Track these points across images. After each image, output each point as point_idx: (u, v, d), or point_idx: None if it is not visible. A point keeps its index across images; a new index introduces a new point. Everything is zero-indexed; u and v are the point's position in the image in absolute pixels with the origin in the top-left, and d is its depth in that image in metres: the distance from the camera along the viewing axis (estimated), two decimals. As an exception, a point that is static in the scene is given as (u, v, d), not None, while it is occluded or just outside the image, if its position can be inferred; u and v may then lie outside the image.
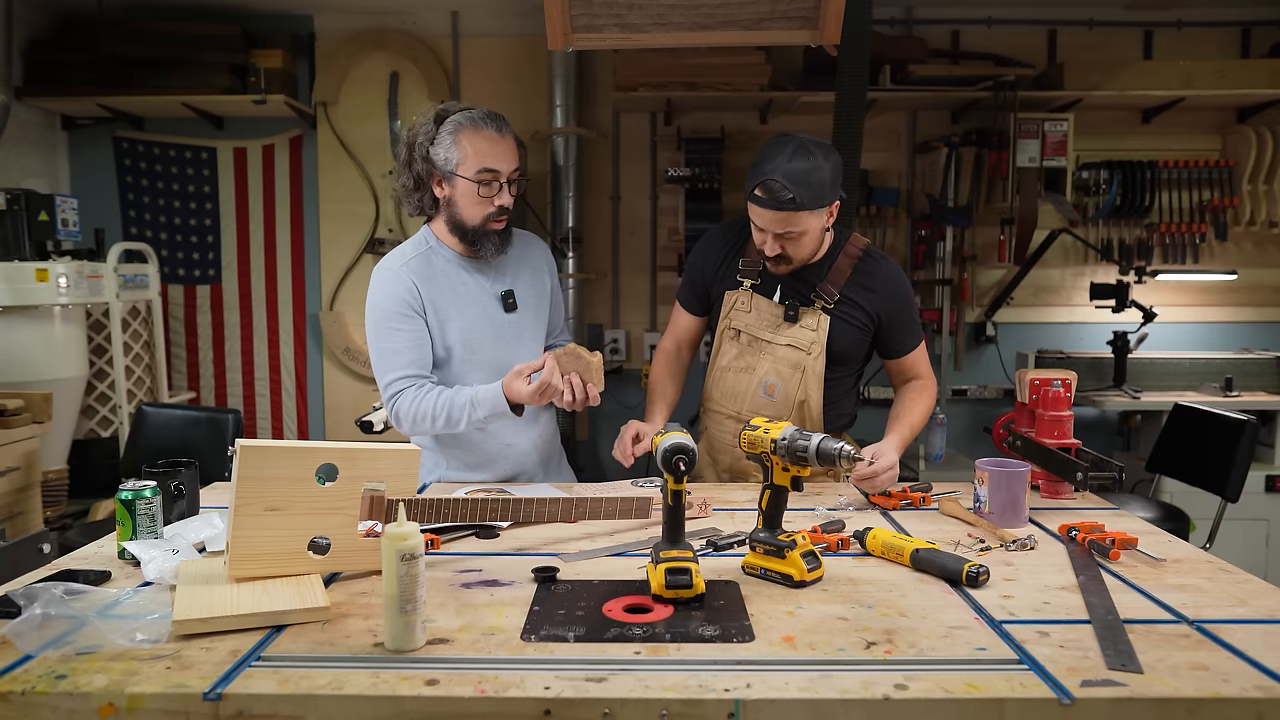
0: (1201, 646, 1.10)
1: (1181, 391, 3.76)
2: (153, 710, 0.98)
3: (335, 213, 4.14)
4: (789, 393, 2.01)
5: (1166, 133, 4.05)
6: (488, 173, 1.88)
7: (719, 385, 2.10)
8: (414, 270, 1.95)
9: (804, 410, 2.02)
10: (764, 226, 1.88)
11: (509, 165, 1.91)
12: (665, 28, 2.34)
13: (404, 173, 1.97)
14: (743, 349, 2.05)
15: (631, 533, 1.62)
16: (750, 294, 2.03)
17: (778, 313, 2.01)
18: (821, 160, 1.83)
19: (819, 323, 1.98)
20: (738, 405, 2.06)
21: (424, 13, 4.01)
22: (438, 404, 1.90)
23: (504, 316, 2.02)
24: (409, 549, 1.09)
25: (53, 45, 3.84)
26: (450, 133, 1.89)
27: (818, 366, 1.99)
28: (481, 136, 1.88)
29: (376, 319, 1.94)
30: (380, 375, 1.95)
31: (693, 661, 1.06)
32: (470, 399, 1.89)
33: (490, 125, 1.89)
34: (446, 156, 1.90)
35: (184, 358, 4.21)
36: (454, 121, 1.89)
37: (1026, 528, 1.63)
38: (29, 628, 1.10)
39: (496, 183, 1.90)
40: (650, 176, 4.14)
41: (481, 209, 1.92)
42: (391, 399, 1.93)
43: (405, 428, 1.95)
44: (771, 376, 2.02)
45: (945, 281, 4.01)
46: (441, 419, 1.90)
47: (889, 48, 3.73)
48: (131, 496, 1.45)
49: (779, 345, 2.01)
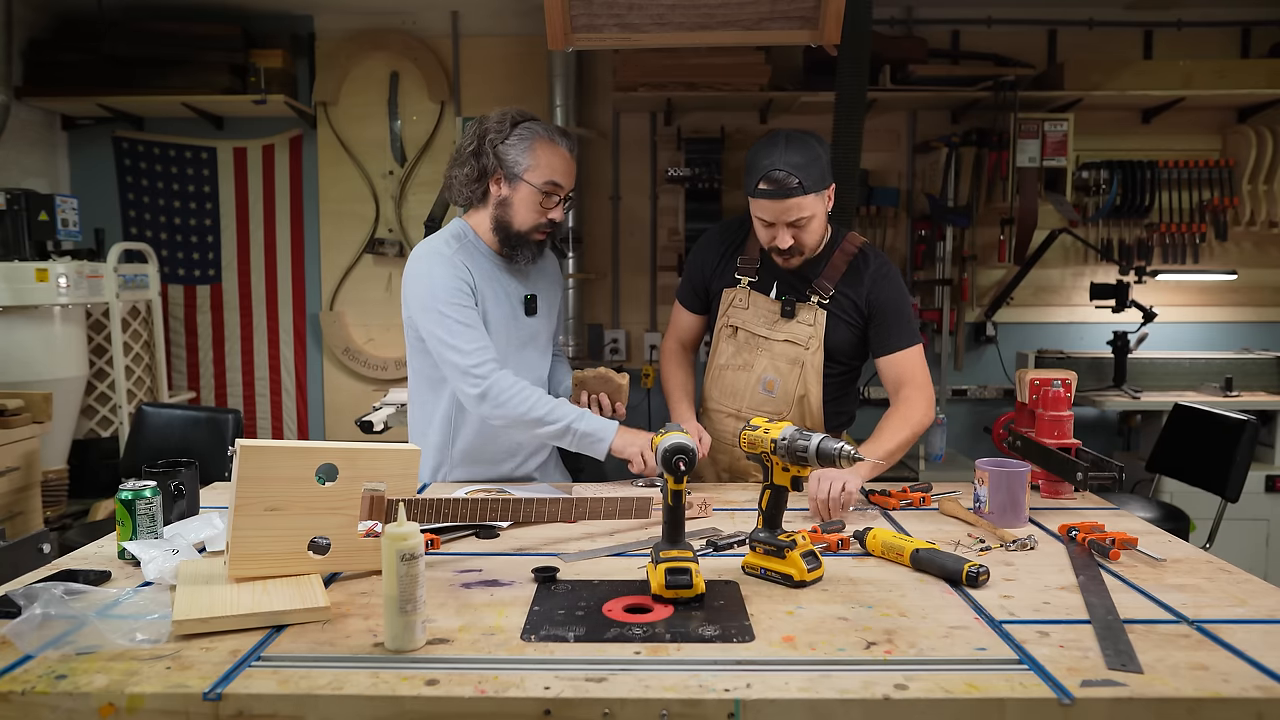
0: (1201, 646, 1.10)
1: (1181, 391, 3.76)
2: (153, 710, 0.98)
3: (335, 213, 4.14)
4: (788, 388, 2.02)
5: (1166, 133, 4.05)
6: (553, 185, 1.92)
7: (717, 383, 2.11)
8: (466, 259, 1.95)
9: (804, 405, 2.02)
10: (773, 219, 1.89)
11: (570, 184, 1.96)
12: (665, 28, 2.34)
13: (469, 162, 1.95)
14: (740, 346, 2.07)
15: (631, 533, 1.62)
16: (748, 291, 2.06)
17: (775, 309, 2.03)
18: (815, 145, 1.90)
19: (816, 318, 2.00)
20: (737, 403, 2.07)
21: (424, 13, 4.01)
22: (541, 397, 1.89)
23: (525, 320, 2.04)
24: (409, 549, 1.09)
25: (53, 45, 3.84)
26: (525, 138, 1.91)
27: (816, 361, 2.00)
28: (556, 151, 1.92)
29: (444, 297, 1.89)
30: (459, 346, 1.88)
31: (693, 661, 1.06)
32: (580, 412, 1.90)
33: (564, 142, 1.94)
34: (517, 159, 1.92)
35: (184, 358, 4.21)
36: (530, 128, 1.93)
37: (1026, 528, 1.63)
38: (29, 628, 1.10)
39: (556, 196, 1.94)
40: (650, 176, 4.14)
41: (535, 218, 1.94)
42: (485, 375, 1.87)
43: (488, 404, 1.88)
44: (770, 373, 2.03)
45: (945, 281, 4.01)
46: (541, 410, 1.88)
47: (889, 48, 3.73)
48: (131, 496, 1.45)
49: (776, 341, 2.03)
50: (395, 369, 4.15)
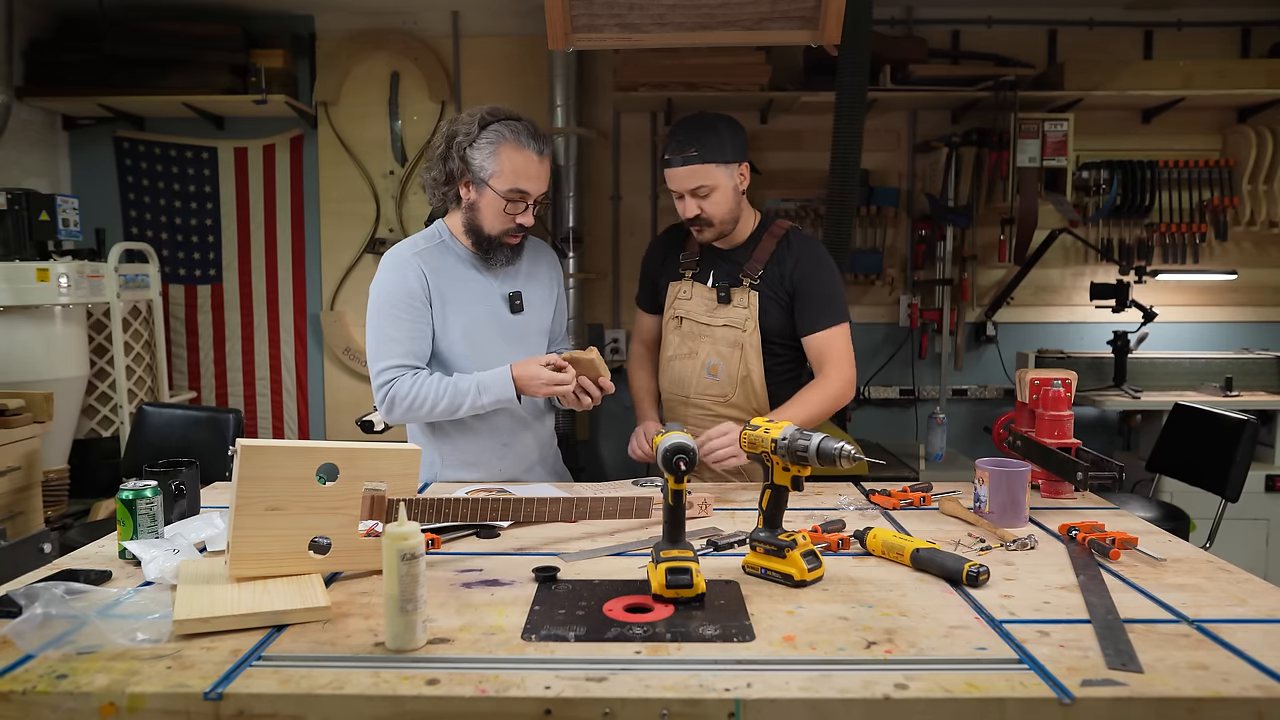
0: (1201, 646, 1.10)
1: (1181, 391, 3.76)
2: (153, 710, 0.98)
3: (336, 212, 4.14)
4: (731, 370, 2.11)
5: (1166, 133, 4.05)
6: (517, 193, 1.90)
7: (667, 374, 2.21)
8: (425, 260, 1.96)
9: (748, 385, 2.11)
10: (678, 188, 2.02)
11: (539, 188, 1.92)
12: (665, 28, 2.34)
13: (437, 165, 1.95)
14: (685, 335, 2.17)
15: (632, 532, 1.62)
16: (690, 283, 2.17)
17: (712, 296, 2.13)
18: (720, 124, 2.00)
19: (749, 300, 2.09)
20: (685, 390, 2.16)
21: (424, 13, 4.01)
22: (439, 388, 1.90)
23: (510, 317, 2.04)
24: (410, 548, 1.09)
25: (53, 45, 3.84)
26: (491, 142, 1.88)
27: (755, 341, 2.09)
28: (521, 155, 1.88)
29: (380, 304, 1.93)
30: (375, 360, 1.94)
31: (693, 661, 1.06)
32: (476, 383, 1.89)
33: (532, 145, 1.89)
34: (482, 164, 1.89)
35: (185, 357, 4.21)
36: (497, 131, 1.89)
37: (1027, 527, 1.63)
38: (30, 627, 1.10)
39: (523, 203, 1.91)
40: (650, 176, 4.14)
41: (502, 223, 1.93)
42: (386, 385, 1.92)
43: (398, 413, 1.93)
44: (713, 357, 2.12)
45: (945, 281, 4.01)
46: (444, 403, 1.89)
47: (889, 48, 3.73)
48: (132, 496, 1.45)
49: (717, 327, 2.12)
50: (395, 369, 4.15)
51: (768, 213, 2.19)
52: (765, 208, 3.91)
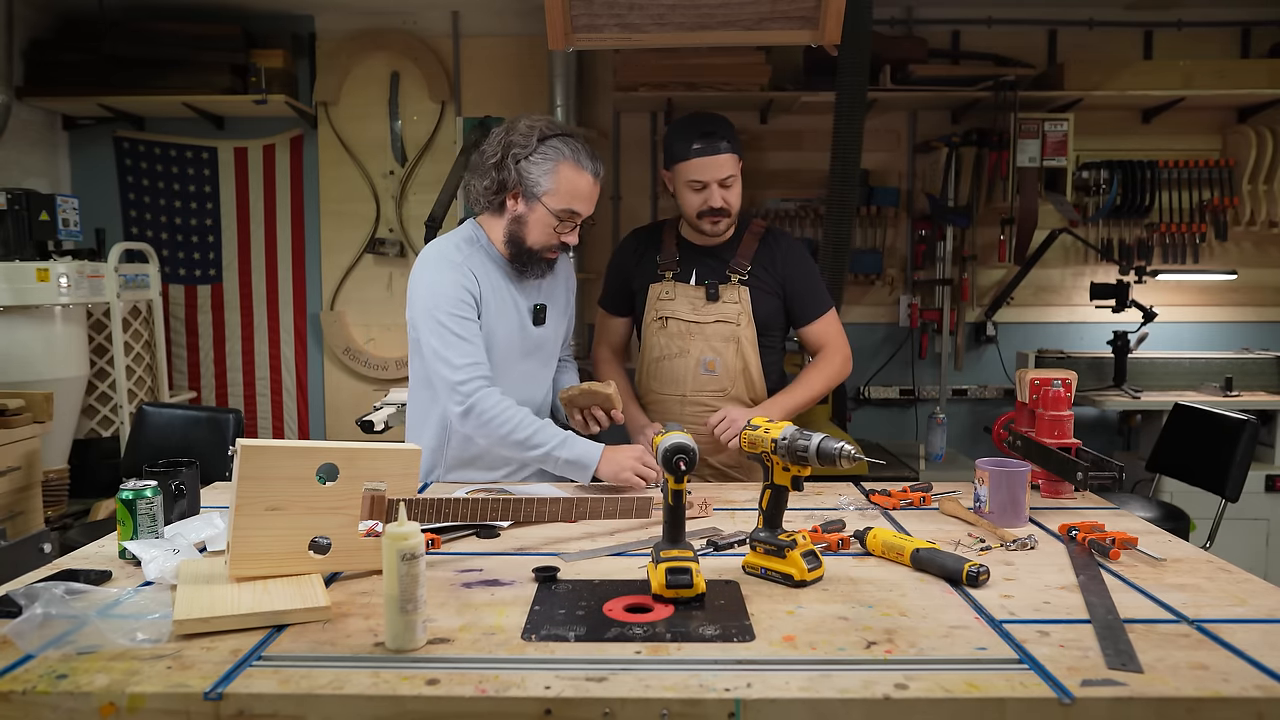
0: (1202, 646, 1.10)
1: (1181, 391, 3.76)
2: (153, 710, 0.98)
3: (336, 212, 4.14)
4: (729, 364, 2.15)
5: (1166, 133, 4.05)
6: (569, 213, 1.89)
7: (655, 376, 2.22)
8: (475, 266, 1.92)
9: (746, 377, 2.16)
10: (707, 178, 2.04)
11: (590, 210, 1.93)
12: (665, 28, 2.33)
13: (489, 174, 1.90)
14: (672, 336, 2.18)
15: (632, 532, 1.62)
16: (673, 283, 2.18)
17: (699, 294, 2.16)
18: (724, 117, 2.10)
19: (740, 295, 2.14)
20: (680, 388, 2.18)
21: (424, 13, 4.01)
22: (525, 419, 1.85)
23: (532, 330, 2.02)
24: (410, 548, 1.09)
25: (53, 45, 3.84)
26: (550, 158, 1.86)
27: (750, 334, 2.14)
28: (580, 176, 1.87)
29: (445, 306, 1.86)
30: (447, 359, 1.85)
31: (693, 661, 1.06)
32: (564, 437, 1.85)
33: (590, 166, 1.89)
34: (539, 179, 1.86)
35: (185, 357, 4.21)
36: (556, 148, 1.86)
37: (1027, 527, 1.63)
38: (30, 627, 1.10)
39: (572, 222, 1.91)
40: (650, 176, 4.14)
41: (548, 239, 1.92)
42: (471, 393, 1.84)
43: (473, 423, 1.86)
44: (708, 354, 2.15)
45: (945, 281, 4.01)
46: (524, 433, 1.85)
47: (889, 48, 3.73)
48: (132, 496, 1.45)
49: (708, 324, 2.15)
50: (395, 369, 4.16)
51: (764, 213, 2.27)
52: (766, 208, 3.92)
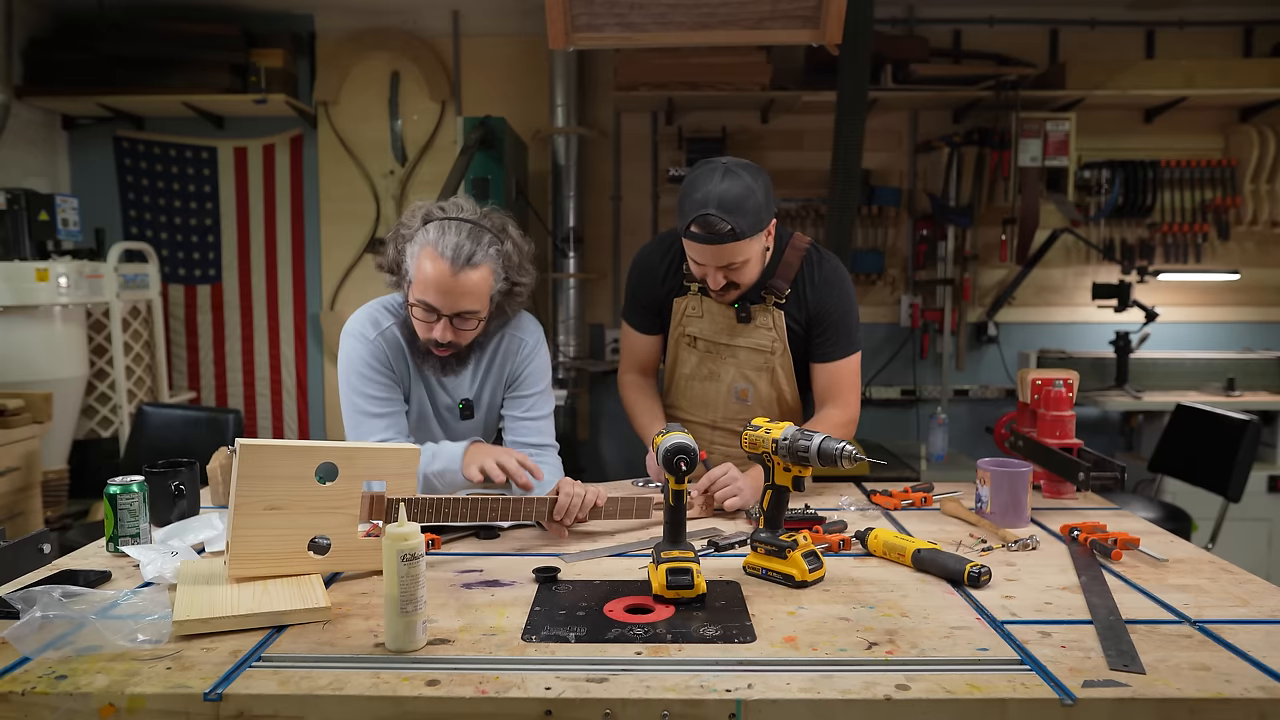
0: (1204, 647, 1.09)
1: (1183, 391, 3.75)
2: (153, 711, 0.98)
3: (336, 212, 4.14)
4: (761, 393, 1.94)
5: (1168, 132, 4.04)
6: (426, 306, 1.68)
7: (685, 394, 2.02)
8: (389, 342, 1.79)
9: (782, 406, 1.96)
10: (704, 261, 1.76)
11: (452, 306, 1.67)
12: (666, 27, 2.33)
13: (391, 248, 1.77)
14: (703, 356, 1.97)
15: (632, 533, 1.62)
16: (699, 298, 1.93)
17: (730, 315, 1.91)
18: (751, 182, 1.70)
19: (775, 320, 1.89)
20: (711, 414, 2.00)
21: (424, 12, 4.01)
22: None
23: (457, 423, 1.90)
24: (410, 549, 1.09)
25: (53, 45, 3.84)
26: (418, 243, 1.68)
27: (786, 363, 1.92)
28: (436, 267, 1.64)
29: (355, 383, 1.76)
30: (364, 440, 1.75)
31: (694, 662, 1.05)
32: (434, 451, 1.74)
33: (448, 257, 1.64)
34: (408, 265, 1.71)
35: (184, 357, 4.21)
36: (426, 234, 1.68)
37: (1028, 528, 1.63)
38: (29, 630, 1.09)
39: (435, 316, 1.69)
40: (651, 176, 4.14)
41: (422, 331, 1.73)
42: None
43: None
44: (740, 381, 1.95)
45: (947, 281, 4.01)
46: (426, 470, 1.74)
47: (890, 47, 3.73)
48: (118, 491, 1.45)
49: (740, 348, 1.93)
50: (396, 369, 4.15)
51: None
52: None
